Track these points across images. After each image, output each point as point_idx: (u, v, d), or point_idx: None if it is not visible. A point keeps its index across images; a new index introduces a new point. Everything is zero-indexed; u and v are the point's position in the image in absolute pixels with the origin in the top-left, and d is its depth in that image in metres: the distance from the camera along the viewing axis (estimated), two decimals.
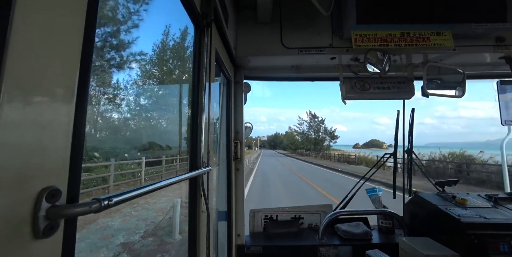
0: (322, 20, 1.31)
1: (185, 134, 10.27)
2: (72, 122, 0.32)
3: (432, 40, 1.17)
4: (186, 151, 10.34)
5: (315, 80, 1.67)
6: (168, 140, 11.85)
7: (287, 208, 1.58)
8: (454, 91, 1.35)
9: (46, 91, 0.28)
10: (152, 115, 11.99)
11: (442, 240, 1.12)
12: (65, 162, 0.31)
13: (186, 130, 10.09)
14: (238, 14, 1.36)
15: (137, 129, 11.22)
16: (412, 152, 1.63)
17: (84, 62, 0.33)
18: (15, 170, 0.25)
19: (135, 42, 10.08)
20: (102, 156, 7.83)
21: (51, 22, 0.29)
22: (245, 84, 1.52)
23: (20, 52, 0.25)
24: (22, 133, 0.26)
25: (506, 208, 1.23)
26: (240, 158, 1.42)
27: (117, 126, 9.96)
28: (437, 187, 1.53)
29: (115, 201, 0.33)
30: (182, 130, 10.45)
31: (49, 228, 0.28)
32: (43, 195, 0.27)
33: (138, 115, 11.35)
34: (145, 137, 11.20)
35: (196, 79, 0.81)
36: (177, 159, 11.18)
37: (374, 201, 1.62)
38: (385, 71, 1.20)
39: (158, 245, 3.91)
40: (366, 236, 1.40)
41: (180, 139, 11.60)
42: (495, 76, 1.55)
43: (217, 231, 1.34)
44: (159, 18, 11.66)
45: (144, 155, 9.42)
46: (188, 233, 0.81)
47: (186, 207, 4.96)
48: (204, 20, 0.80)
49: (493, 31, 1.20)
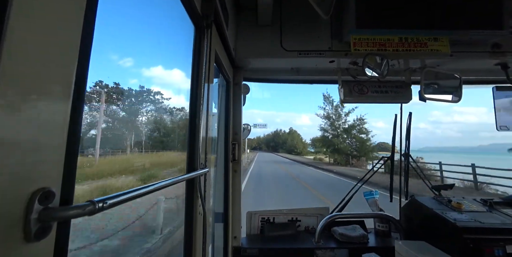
0: (322, 24, 1.32)
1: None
2: (68, 122, 0.31)
3: (430, 46, 1.18)
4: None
5: (314, 83, 1.68)
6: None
7: (284, 210, 1.58)
8: (450, 96, 1.37)
9: (41, 91, 0.28)
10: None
11: (438, 244, 1.12)
12: (59, 163, 0.30)
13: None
14: (238, 16, 1.37)
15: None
16: (409, 155, 1.64)
17: (81, 62, 0.32)
18: (8, 171, 0.24)
19: (134, 42, 10.06)
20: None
21: (49, 21, 0.28)
22: (244, 86, 1.52)
23: (16, 51, 0.25)
24: (16, 133, 0.25)
25: (501, 212, 1.24)
26: (237, 160, 1.42)
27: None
28: (433, 191, 1.54)
29: (110, 203, 0.32)
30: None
31: (41, 231, 0.27)
32: (35, 196, 0.26)
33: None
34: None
35: (195, 80, 0.81)
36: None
37: (371, 204, 1.63)
38: (383, 75, 1.22)
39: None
40: (362, 239, 1.40)
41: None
42: (491, 82, 1.57)
43: (213, 233, 1.33)
44: (159, 18, 11.65)
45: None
46: (184, 235, 0.80)
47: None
48: (204, 21, 0.80)
49: (489, 38, 1.22)
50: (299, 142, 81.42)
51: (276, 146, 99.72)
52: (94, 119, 8.68)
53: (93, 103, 8.38)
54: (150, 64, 25.85)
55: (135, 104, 11.80)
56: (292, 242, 1.41)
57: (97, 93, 8.46)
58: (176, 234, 4.23)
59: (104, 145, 8.80)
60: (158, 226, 4.19)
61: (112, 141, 9.95)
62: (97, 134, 8.74)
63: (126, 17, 12.86)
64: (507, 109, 1.52)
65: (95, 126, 8.75)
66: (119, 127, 10.55)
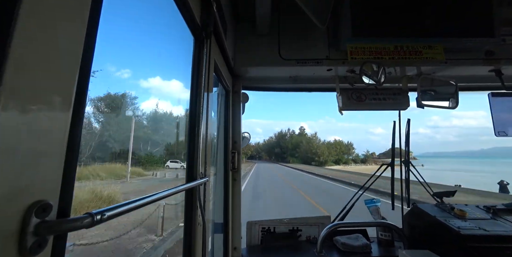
0: (318, 33, 1.35)
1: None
2: (67, 134, 0.31)
3: (425, 54, 1.21)
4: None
5: (312, 91, 1.69)
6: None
7: (284, 219, 1.55)
8: (447, 102, 1.38)
9: (41, 101, 0.28)
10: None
11: (442, 253, 1.10)
12: (57, 175, 0.30)
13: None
14: (237, 26, 1.40)
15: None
16: (410, 162, 1.63)
17: (83, 73, 0.33)
18: (5, 183, 0.24)
19: (133, 52, 10.19)
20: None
21: (52, 32, 0.29)
22: (243, 95, 1.53)
23: (18, 61, 0.25)
24: (13, 146, 0.25)
25: (505, 220, 1.22)
26: (237, 168, 1.41)
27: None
28: (435, 198, 1.52)
29: (108, 215, 0.32)
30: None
31: (37, 245, 0.26)
32: (32, 209, 0.26)
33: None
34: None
35: (195, 90, 0.82)
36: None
37: (373, 212, 1.60)
38: (380, 82, 1.23)
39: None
40: (365, 249, 1.37)
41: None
42: (486, 88, 1.59)
43: (213, 244, 1.29)
44: (159, 29, 11.91)
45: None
46: (183, 246, 0.78)
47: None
48: (203, 32, 0.82)
49: (482, 46, 1.25)
50: (320, 146, 56.50)
51: (283, 153, 71.16)
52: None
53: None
54: (148, 75, 26.32)
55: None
56: (294, 252, 1.38)
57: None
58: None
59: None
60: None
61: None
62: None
63: (126, 29, 13.09)
64: (504, 115, 1.54)
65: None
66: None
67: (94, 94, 9.27)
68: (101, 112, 12.39)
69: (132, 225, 4.49)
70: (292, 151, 66.49)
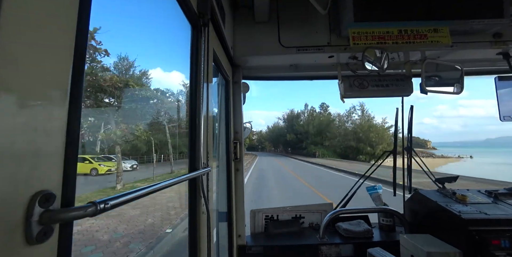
0: (319, 19, 1.30)
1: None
2: (66, 124, 0.31)
3: (430, 37, 1.16)
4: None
5: (313, 79, 1.66)
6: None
7: (287, 207, 1.58)
8: (452, 87, 1.35)
9: (39, 93, 0.28)
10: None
11: (443, 237, 1.12)
12: (59, 165, 0.30)
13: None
14: (235, 14, 1.36)
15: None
16: (412, 149, 1.63)
17: (77, 63, 0.32)
18: (7, 174, 0.24)
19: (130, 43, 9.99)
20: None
21: (42, 23, 0.28)
22: (244, 84, 1.52)
23: (11, 57, 0.24)
24: (15, 136, 0.25)
25: (506, 204, 1.23)
26: (239, 158, 1.42)
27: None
28: (437, 184, 1.53)
29: (112, 204, 0.32)
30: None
31: (42, 234, 0.27)
32: (36, 199, 0.26)
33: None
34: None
35: (194, 80, 0.81)
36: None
37: (374, 199, 1.62)
38: (383, 69, 1.20)
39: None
40: (367, 234, 1.40)
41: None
42: (493, 72, 1.55)
43: (218, 232, 1.33)
44: (155, 17, 11.65)
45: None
46: (188, 234, 0.80)
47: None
48: (201, 20, 0.80)
49: (490, 27, 1.20)
50: (379, 128, 34.06)
51: (299, 142, 44.95)
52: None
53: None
54: (147, 66, 25.89)
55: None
56: (297, 238, 1.42)
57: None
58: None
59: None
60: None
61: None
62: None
63: (120, 17, 12.78)
64: (511, 99, 1.50)
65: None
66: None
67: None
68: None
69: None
70: (315, 137, 41.13)
